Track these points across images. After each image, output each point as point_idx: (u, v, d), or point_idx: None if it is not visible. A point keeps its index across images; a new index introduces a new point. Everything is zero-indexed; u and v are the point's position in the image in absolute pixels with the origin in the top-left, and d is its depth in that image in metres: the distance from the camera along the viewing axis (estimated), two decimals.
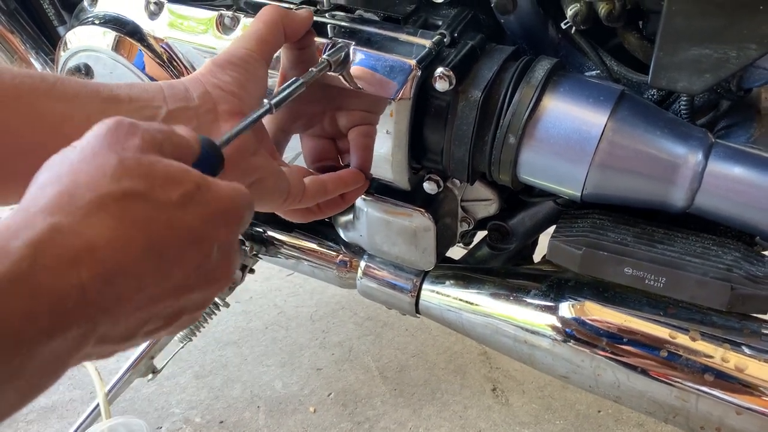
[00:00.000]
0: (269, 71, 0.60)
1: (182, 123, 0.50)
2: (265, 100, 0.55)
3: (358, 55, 0.67)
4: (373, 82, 0.67)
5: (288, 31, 0.62)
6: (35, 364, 0.31)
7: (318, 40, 0.68)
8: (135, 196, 0.36)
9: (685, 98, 0.73)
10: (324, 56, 0.63)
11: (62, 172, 0.36)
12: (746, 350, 0.71)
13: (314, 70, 0.60)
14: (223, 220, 0.41)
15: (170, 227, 0.37)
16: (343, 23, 0.72)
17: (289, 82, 0.58)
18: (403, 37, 0.70)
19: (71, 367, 0.35)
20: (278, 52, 0.63)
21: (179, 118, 0.51)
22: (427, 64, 0.67)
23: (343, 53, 0.66)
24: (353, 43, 0.68)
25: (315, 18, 0.67)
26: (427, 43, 0.68)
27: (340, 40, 0.68)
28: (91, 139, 0.38)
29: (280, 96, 0.57)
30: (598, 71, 0.78)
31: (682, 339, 0.74)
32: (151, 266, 0.36)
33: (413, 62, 0.66)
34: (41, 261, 0.31)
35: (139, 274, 0.35)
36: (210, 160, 0.46)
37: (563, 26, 0.74)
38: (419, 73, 0.66)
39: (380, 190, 0.84)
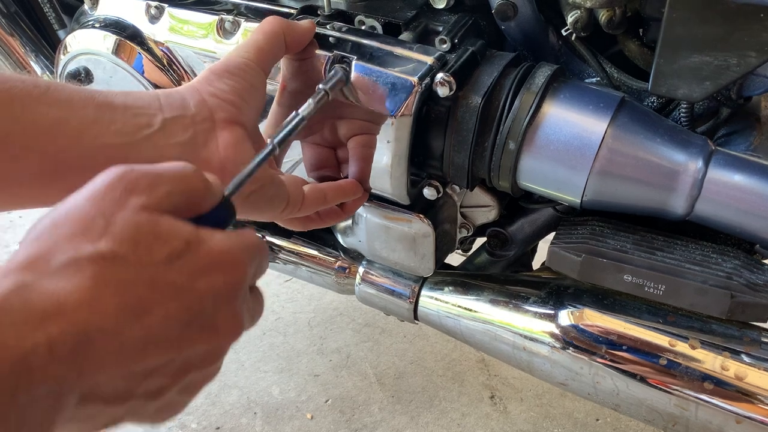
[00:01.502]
0: (269, 80, 0.60)
1: (179, 132, 0.50)
2: (269, 140, 0.54)
3: (360, 70, 0.67)
4: (375, 98, 0.66)
5: (289, 41, 0.62)
6: (11, 428, 0.31)
7: (319, 52, 0.68)
8: (113, 259, 0.35)
9: (685, 106, 0.73)
10: (320, 86, 0.62)
11: (45, 230, 0.36)
12: (746, 358, 0.71)
13: (312, 102, 0.60)
14: (216, 271, 0.40)
15: (151, 285, 0.36)
16: (345, 36, 0.72)
17: (290, 117, 0.58)
18: (405, 52, 0.69)
19: None
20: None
21: (176, 127, 0.51)
22: (430, 80, 0.67)
23: (338, 77, 0.65)
24: (355, 57, 0.67)
25: (317, 30, 0.67)
26: (429, 60, 0.68)
27: (336, 66, 0.67)
28: (89, 192, 0.37)
29: (283, 133, 0.56)
30: (599, 78, 0.78)
31: (682, 347, 0.73)
32: (130, 324, 0.35)
33: (415, 79, 0.66)
34: (4, 318, 0.31)
35: (117, 331, 0.34)
36: (218, 211, 0.44)
37: (564, 33, 0.74)
38: (421, 90, 0.66)
39: (380, 196, 0.84)
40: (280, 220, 0.63)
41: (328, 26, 0.73)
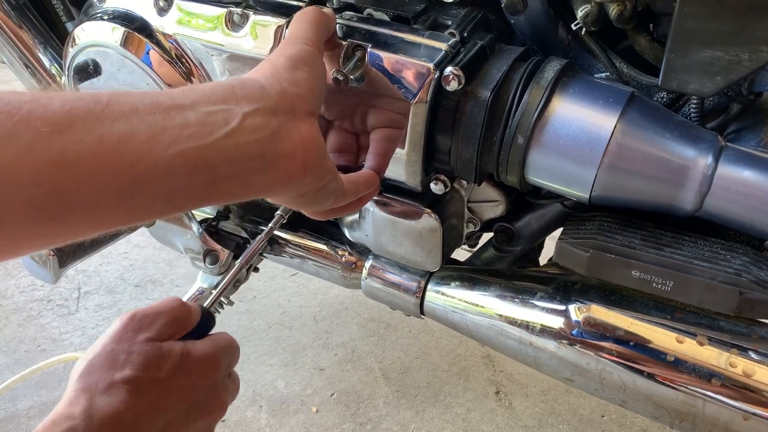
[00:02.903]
0: None
1: (260, 126, 0.47)
2: (236, 262, 0.62)
3: (375, 58, 0.67)
4: (391, 85, 0.66)
5: (327, 30, 0.61)
6: None
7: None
8: (136, 379, 0.55)
9: (695, 101, 0.73)
10: (334, 72, 0.61)
11: (86, 370, 0.55)
12: (754, 355, 0.71)
13: (271, 225, 0.76)
14: (204, 373, 0.60)
15: (164, 391, 0.56)
16: (359, 25, 0.72)
17: (257, 239, 0.77)
18: (418, 39, 0.69)
19: None
20: None
21: (256, 120, 0.47)
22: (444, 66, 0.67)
23: (352, 64, 0.65)
24: (370, 45, 0.67)
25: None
26: (444, 46, 0.68)
27: (354, 53, 0.67)
28: (109, 336, 0.57)
29: (249, 252, 0.81)
30: (608, 73, 0.77)
31: (690, 343, 0.73)
32: (155, 417, 0.55)
33: (431, 65, 0.66)
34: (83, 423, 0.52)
35: (149, 423, 0.55)
36: (204, 322, 0.64)
37: (573, 27, 0.74)
38: (437, 76, 0.66)
39: (387, 190, 0.84)
40: (320, 212, 0.61)
41: (341, 17, 0.73)
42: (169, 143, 0.42)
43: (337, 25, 0.71)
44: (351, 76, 0.62)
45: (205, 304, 0.68)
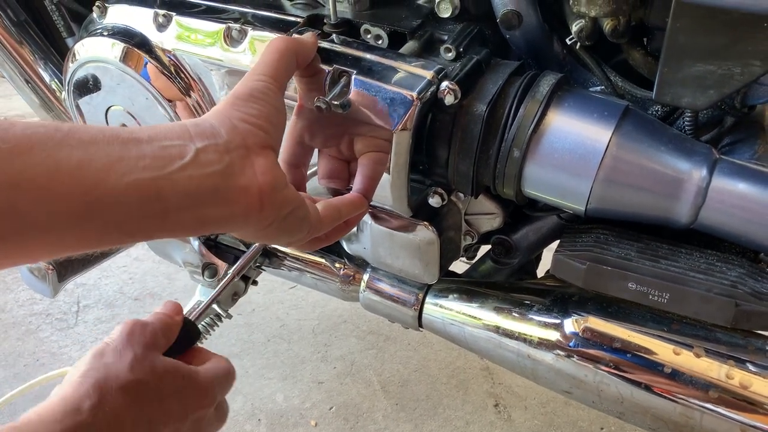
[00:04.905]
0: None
1: (213, 161, 0.48)
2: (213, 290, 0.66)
3: (359, 85, 0.67)
4: (374, 112, 0.66)
5: (299, 59, 0.62)
6: None
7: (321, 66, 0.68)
8: (145, 384, 0.57)
9: (689, 114, 0.73)
10: (317, 101, 0.62)
11: (96, 365, 0.56)
12: (751, 367, 0.71)
13: (248, 257, 0.90)
14: (198, 403, 0.61)
15: (160, 410, 0.57)
16: (345, 50, 0.72)
17: (251, 249, 0.90)
18: (404, 66, 0.69)
19: None
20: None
21: (209, 156, 0.48)
22: (428, 96, 0.67)
23: (337, 91, 0.65)
24: (354, 72, 0.67)
25: (319, 44, 0.67)
26: (428, 74, 0.68)
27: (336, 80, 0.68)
28: (116, 337, 0.59)
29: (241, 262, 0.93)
30: (603, 87, 0.78)
31: (686, 355, 0.73)
32: (145, 429, 0.56)
33: (414, 94, 0.66)
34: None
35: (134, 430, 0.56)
36: (188, 333, 0.66)
37: (568, 42, 0.74)
38: (420, 105, 0.66)
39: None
40: (299, 244, 0.62)
41: (330, 39, 0.73)
42: (124, 172, 0.44)
43: (330, 49, 0.71)
44: (336, 102, 0.63)
45: (191, 315, 0.70)
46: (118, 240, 0.46)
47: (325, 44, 0.71)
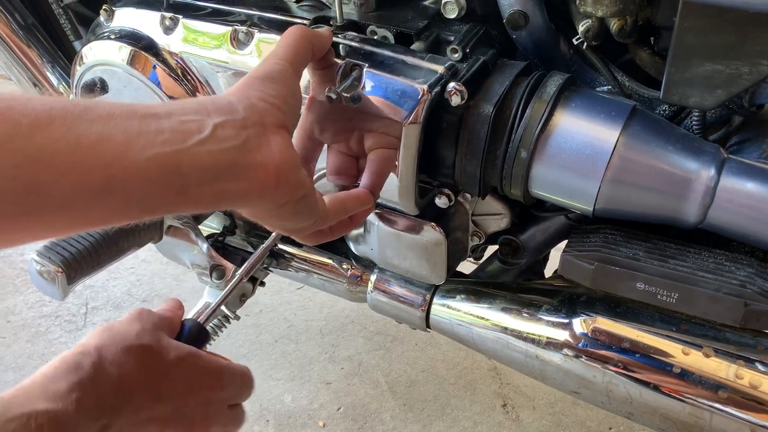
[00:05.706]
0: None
1: (231, 136, 0.48)
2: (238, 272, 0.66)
3: (371, 78, 0.67)
4: (385, 106, 0.67)
5: (315, 48, 0.62)
6: None
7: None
8: (149, 348, 0.60)
9: (697, 114, 0.73)
10: (329, 91, 0.63)
11: (101, 335, 0.60)
12: (760, 367, 0.71)
13: (274, 236, 0.87)
14: (203, 383, 0.62)
15: (164, 376, 0.59)
16: (357, 45, 0.72)
17: (259, 249, 0.91)
18: (415, 61, 0.70)
19: None
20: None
21: (227, 131, 0.49)
22: (438, 89, 0.68)
23: (348, 83, 0.66)
24: (366, 65, 0.68)
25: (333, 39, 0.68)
26: (440, 69, 0.68)
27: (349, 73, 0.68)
28: (126, 318, 0.63)
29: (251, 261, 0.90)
30: (610, 87, 0.78)
31: (695, 355, 0.73)
32: (149, 395, 0.58)
33: (424, 87, 0.66)
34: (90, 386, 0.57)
35: (141, 398, 0.58)
36: (193, 334, 0.67)
37: (575, 42, 0.74)
38: (430, 98, 0.66)
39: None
40: (305, 233, 0.63)
41: (340, 36, 0.74)
42: (143, 147, 0.44)
43: (340, 45, 0.72)
44: (346, 94, 0.63)
45: (200, 318, 0.71)
46: (140, 214, 0.46)
47: (337, 40, 0.72)
